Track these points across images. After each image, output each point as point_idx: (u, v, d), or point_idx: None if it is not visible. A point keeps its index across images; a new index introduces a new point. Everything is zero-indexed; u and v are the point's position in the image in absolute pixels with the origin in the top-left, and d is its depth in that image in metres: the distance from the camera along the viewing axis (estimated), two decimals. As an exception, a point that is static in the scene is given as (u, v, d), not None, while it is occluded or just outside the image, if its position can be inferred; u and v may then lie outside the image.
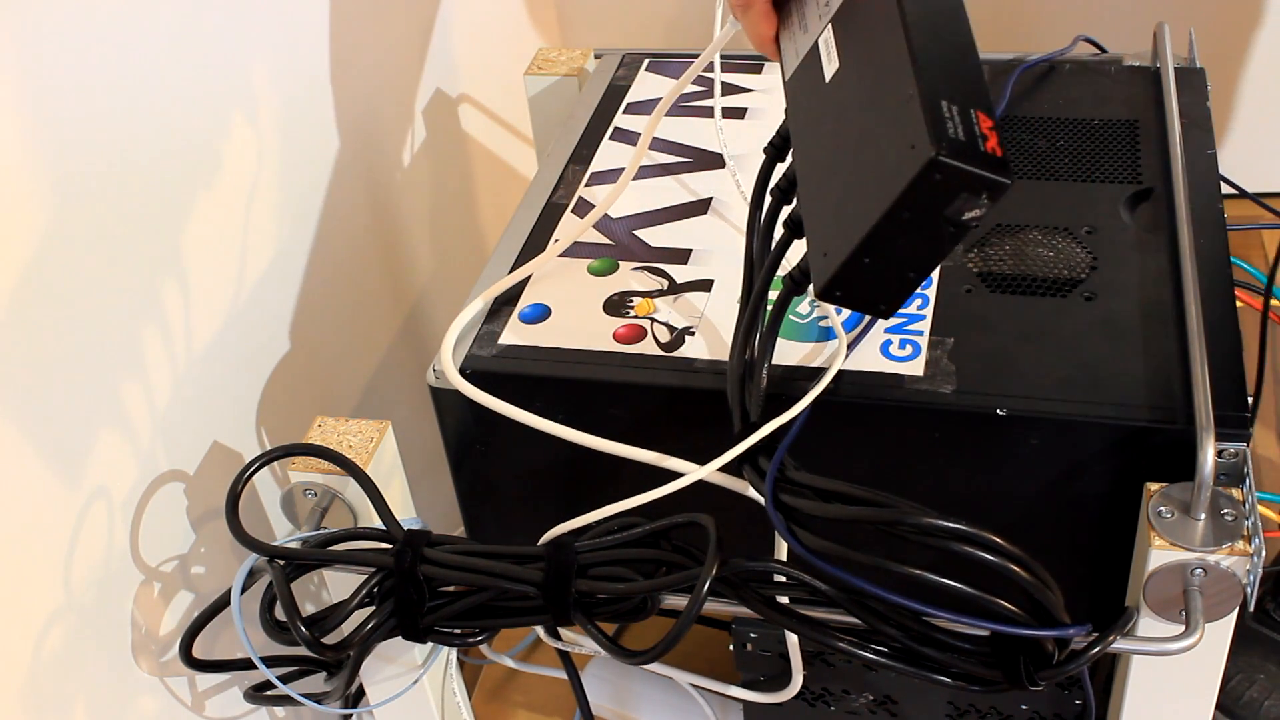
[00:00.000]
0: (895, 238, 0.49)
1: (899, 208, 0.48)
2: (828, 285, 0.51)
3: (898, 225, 0.49)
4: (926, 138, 0.47)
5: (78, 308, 0.64)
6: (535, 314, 0.70)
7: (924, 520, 0.51)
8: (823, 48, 0.56)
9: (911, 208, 0.48)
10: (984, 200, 0.48)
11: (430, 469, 0.84)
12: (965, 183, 0.47)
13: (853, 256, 0.50)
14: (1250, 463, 0.59)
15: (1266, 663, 0.84)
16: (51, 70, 0.61)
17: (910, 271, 0.51)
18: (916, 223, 0.49)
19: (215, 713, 0.78)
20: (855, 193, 0.51)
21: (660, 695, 0.90)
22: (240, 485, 0.65)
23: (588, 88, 0.90)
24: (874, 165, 0.50)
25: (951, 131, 0.48)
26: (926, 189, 0.48)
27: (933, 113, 0.48)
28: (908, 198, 0.48)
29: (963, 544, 0.51)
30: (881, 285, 0.52)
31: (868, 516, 0.53)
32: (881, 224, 0.49)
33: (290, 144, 0.83)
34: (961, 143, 0.47)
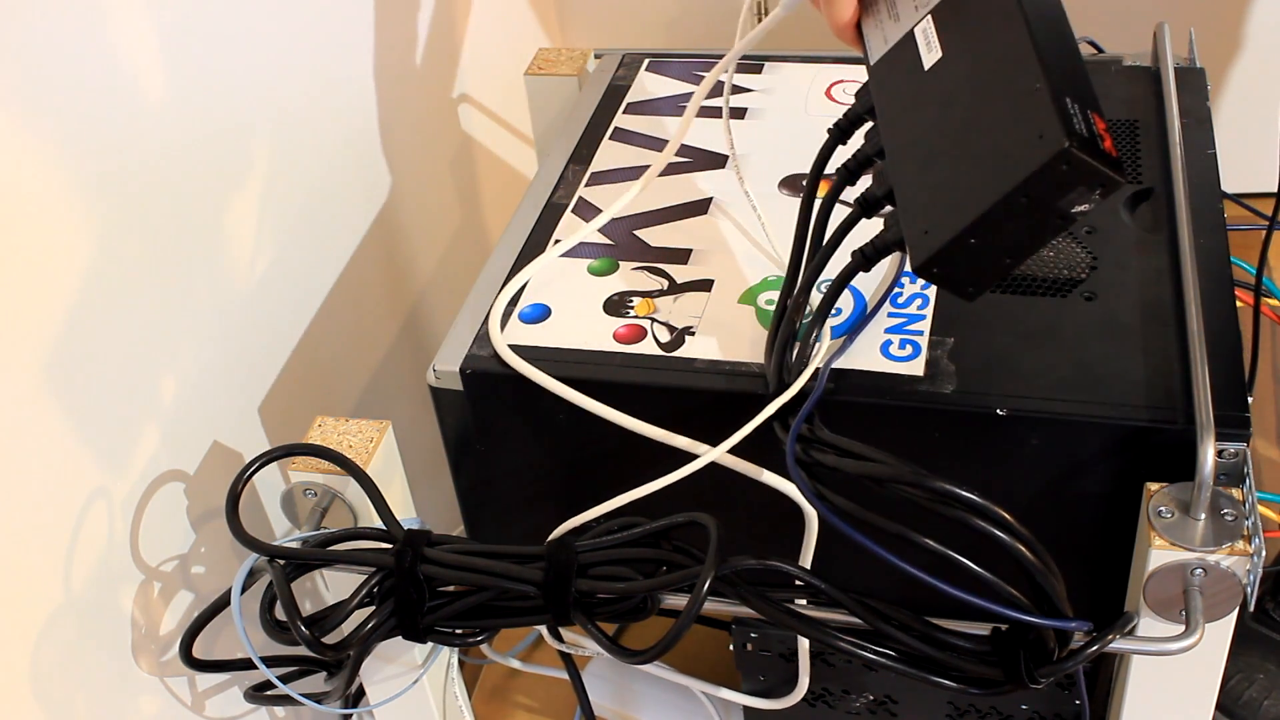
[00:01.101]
0: (1006, 221, 0.51)
1: (1019, 193, 0.50)
2: (928, 261, 0.53)
3: (1013, 209, 0.51)
4: (1059, 129, 0.49)
5: (77, 308, 0.64)
6: (535, 314, 0.70)
7: (939, 484, 0.52)
8: (920, 37, 0.58)
9: (1030, 194, 0.50)
10: (1096, 196, 0.50)
11: (430, 469, 0.84)
12: (1087, 176, 0.49)
13: (961, 235, 0.52)
14: (1250, 463, 0.59)
15: (1266, 663, 0.84)
16: (52, 76, 0.61)
17: (1008, 257, 0.53)
18: (1030, 209, 0.51)
19: (215, 713, 0.78)
20: (966, 176, 0.52)
21: (661, 695, 0.90)
22: (240, 485, 0.65)
23: (588, 88, 0.90)
24: (991, 151, 0.52)
25: (1078, 126, 0.49)
26: (1050, 178, 0.49)
27: (1061, 107, 0.50)
28: (1030, 184, 0.50)
29: (974, 515, 0.52)
30: (978, 267, 0.53)
31: (886, 474, 0.54)
32: (998, 206, 0.51)
33: (290, 144, 0.83)
34: (1087, 138, 0.49)
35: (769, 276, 0.70)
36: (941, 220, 0.53)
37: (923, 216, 0.54)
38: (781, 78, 0.88)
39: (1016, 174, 0.50)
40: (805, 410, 0.58)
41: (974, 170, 0.52)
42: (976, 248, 0.52)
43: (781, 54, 0.91)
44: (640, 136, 0.83)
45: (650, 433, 0.63)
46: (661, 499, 0.62)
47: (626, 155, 0.82)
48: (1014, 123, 0.52)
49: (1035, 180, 0.50)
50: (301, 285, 0.86)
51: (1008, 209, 0.51)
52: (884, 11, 0.62)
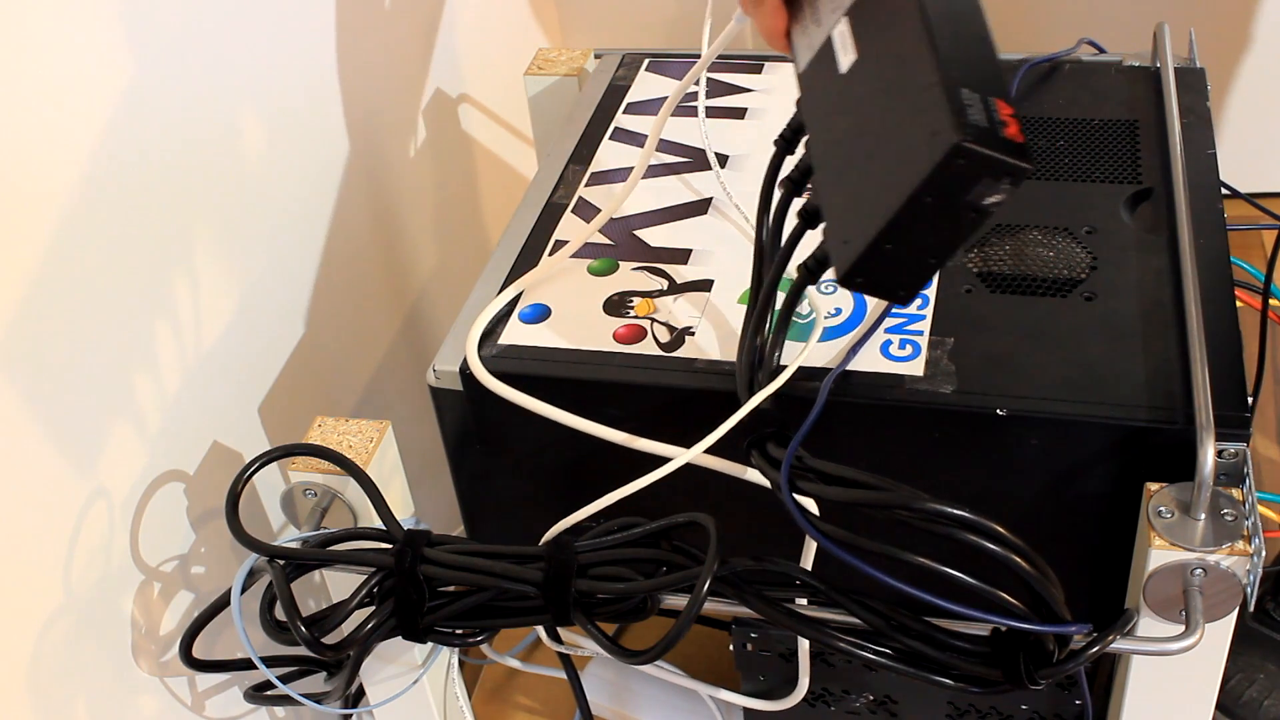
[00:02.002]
0: (917, 223, 0.50)
1: (922, 193, 0.49)
2: (849, 271, 0.52)
3: (920, 211, 0.49)
4: (949, 124, 0.47)
5: (79, 308, 0.64)
6: (535, 314, 0.70)
7: (930, 505, 0.52)
8: (837, 40, 0.57)
9: (934, 193, 0.49)
10: (1005, 186, 0.49)
11: (430, 469, 0.84)
12: (987, 168, 0.48)
13: (875, 242, 0.50)
14: (1250, 463, 0.59)
15: (1266, 663, 0.84)
16: (57, 71, 0.62)
17: (931, 257, 0.52)
18: (938, 208, 0.49)
19: (215, 713, 0.78)
20: (877, 180, 0.51)
21: (660, 695, 0.90)
22: (240, 485, 0.65)
23: (588, 88, 0.90)
24: (895, 153, 0.51)
25: (974, 118, 0.48)
26: (949, 175, 0.48)
27: (954, 99, 0.48)
28: (931, 183, 0.48)
29: (967, 531, 0.52)
30: (902, 271, 0.52)
31: (874, 500, 0.53)
32: (904, 210, 0.49)
33: (291, 144, 0.83)
34: (984, 128, 0.48)
35: (769, 276, 0.70)
36: (857, 229, 0.52)
37: (842, 226, 0.53)
38: (781, 78, 0.88)
39: (916, 175, 0.49)
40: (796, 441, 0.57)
41: (882, 174, 0.51)
42: (895, 253, 0.51)
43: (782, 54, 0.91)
44: (640, 136, 0.83)
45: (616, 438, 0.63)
46: (661, 499, 0.62)
47: (626, 155, 0.82)
48: (913, 121, 0.50)
49: (934, 179, 0.48)
50: (301, 285, 0.86)
51: (914, 211, 0.49)
52: (808, 17, 0.61)
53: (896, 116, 0.51)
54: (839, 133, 0.55)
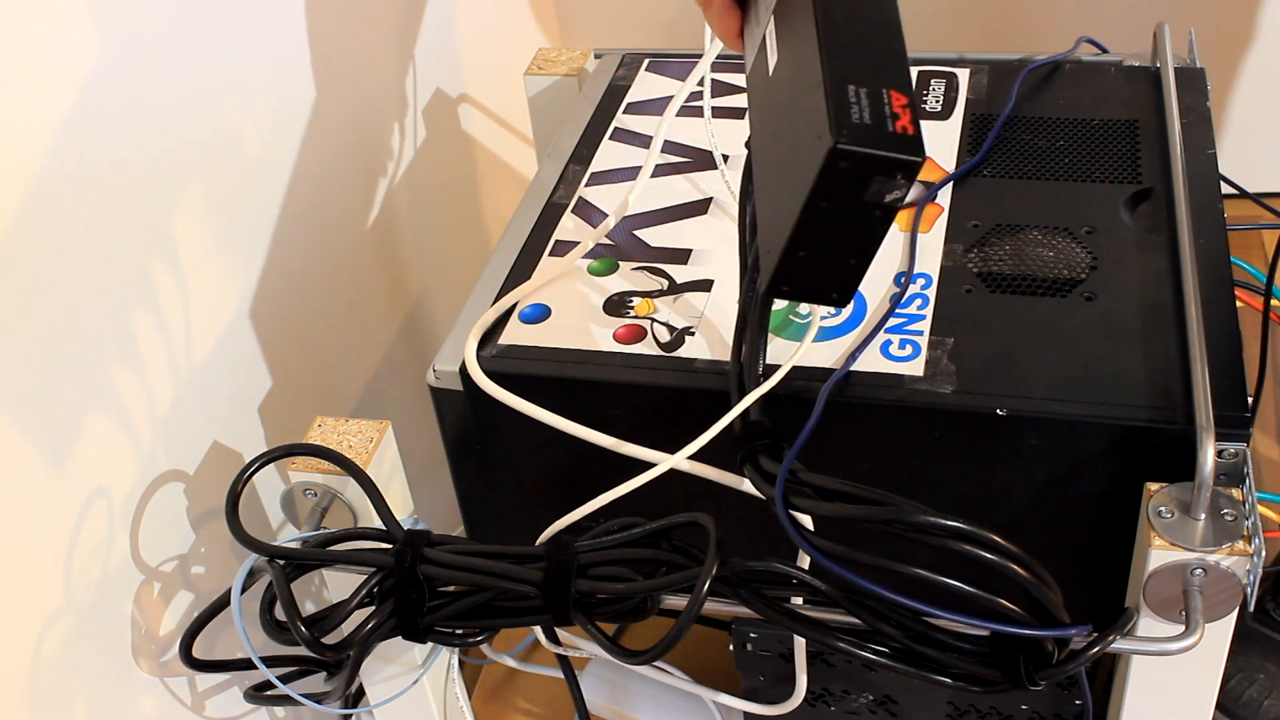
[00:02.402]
0: (822, 229, 0.49)
1: (815, 199, 0.48)
2: (771, 283, 0.51)
3: (820, 217, 0.48)
4: (828, 126, 0.46)
5: (78, 307, 0.64)
6: (535, 314, 0.70)
7: (923, 519, 0.52)
8: (768, 40, 0.56)
9: (828, 198, 0.48)
10: (900, 181, 0.47)
11: (430, 469, 0.84)
12: (874, 167, 0.47)
13: (786, 252, 0.50)
14: (1250, 463, 0.59)
15: (1266, 663, 0.84)
16: (51, 65, 0.62)
17: (852, 259, 0.51)
18: (838, 211, 0.48)
19: (215, 713, 0.78)
20: (786, 188, 0.50)
21: (659, 695, 0.90)
22: (240, 485, 0.65)
23: (588, 88, 0.90)
24: (797, 159, 0.49)
25: (855, 116, 0.47)
26: (836, 178, 0.47)
27: (836, 99, 0.47)
28: (820, 189, 0.47)
29: (962, 542, 0.51)
30: (825, 275, 0.51)
31: (868, 515, 0.53)
32: (804, 218, 0.48)
33: (290, 143, 0.83)
34: (866, 126, 0.47)
35: (769, 276, 0.70)
36: (775, 238, 0.51)
37: (765, 235, 0.52)
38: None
39: (807, 182, 0.48)
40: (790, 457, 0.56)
41: (789, 181, 0.50)
42: (810, 259, 0.50)
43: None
44: (640, 136, 0.83)
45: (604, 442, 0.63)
46: (662, 499, 0.62)
47: (626, 155, 0.82)
48: (806, 125, 0.49)
49: (822, 185, 0.47)
50: (301, 285, 0.86)
51: (815, 218, 0.48)
52: (753, 18, 0.59)
53: (799, 121, 0.50)
54: (767, 137, 0.54)
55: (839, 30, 0.50)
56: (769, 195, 0.53)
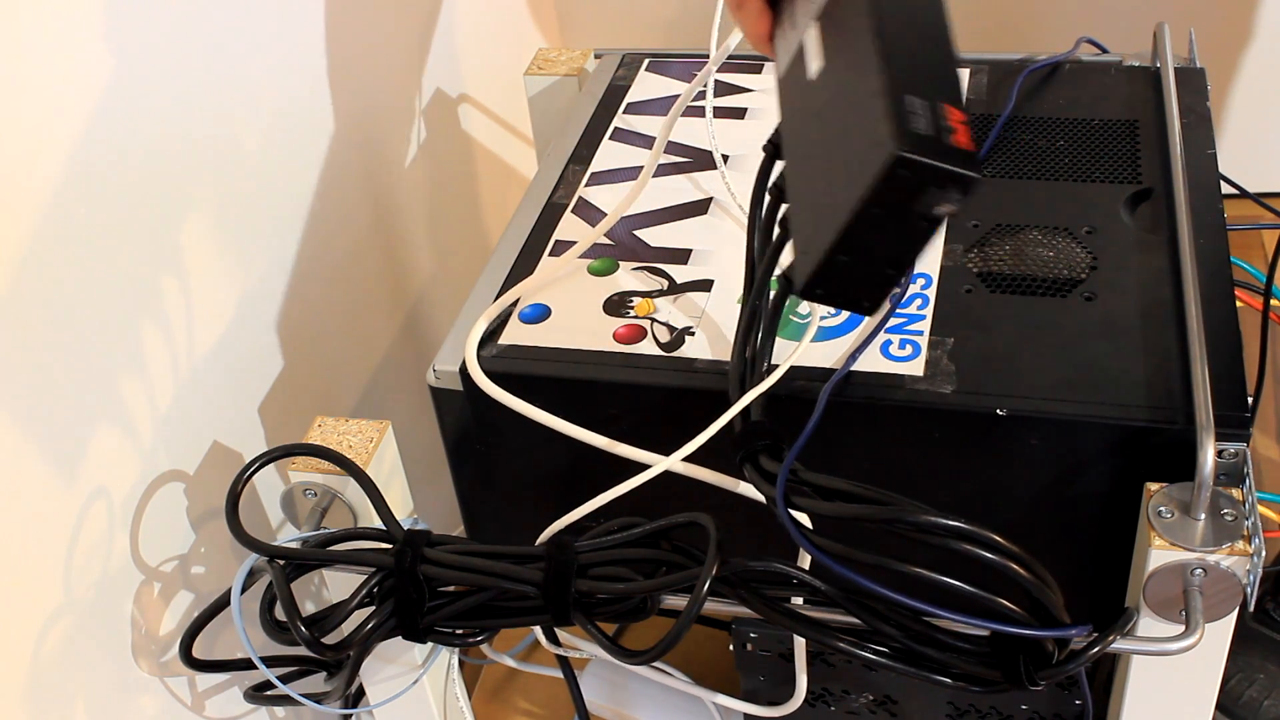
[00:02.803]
0: (869, 235, 0.49)
1: (868, 205, 0.48)
2: (808, 284, 0.51)
3: (869, 222, 0.49)
4: (890, 133, 0.46)
5: (78, 307, 0.64)
6: (535, 314, 0.70)
7: (924, 518, 0.52)
8: (809, 45, 0.56)
9: (881, 204, 0.48)
10: (954, 194, 0.47)
11: (430, 469, 0.84)
12: (932, 178, 0.47)
13: (829, 254, 0.50)
14: (1250, 463, 0.59)
15: (1266, 663, 0.84)
16: (53, 68, 0.62)
17: (889, 268, 0.51)
18: (888, 219, 0.48)
19: (215, 713, 0.78)
20: (832, 191, 0.51)
21: (659, 695, 0.90)
22: (240, 485, 0.65)
23: (588, 88, 0.90)
24: (847, 163, 0.50)
25: (916, 126, 0.47)
26: (893, 186, 0.47)
27: (897, 108, 0.47)
28: (876, 195, 0.47)
29: (963, 542, 0.51)
30: (861, 282, 0.51)
31: (869, 515, 0.53)
32: (853, 222, 0.48)
33: (291, 144, 0.83)
34: (927, 137, 0.47)
35: (769, 276, 0.70)
36: (815, 240, 0.51)
37: (803, 237, 0.53)
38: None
39: (861, 187, 0.48)
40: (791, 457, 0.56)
41: (836, 185, 0.50)
42: (850, 264, 0.50)
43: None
44: (640, 136, 0.83)
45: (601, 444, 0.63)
46: (662, 499, 0.62)
47: (626, 155, 0.82)
48: (862, 131, 0.49)
49: (878, 191, 0.47)
50: (301, 285, 0.86)
51: (864, 223, 0.49)
52: (788, 22, 0.60)
53: (850, 126, 0.51)
54: (805, 141, 0.55)
55: (897, 42, 0.51)
56: (807, 198, 0.53)
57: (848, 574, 0.53)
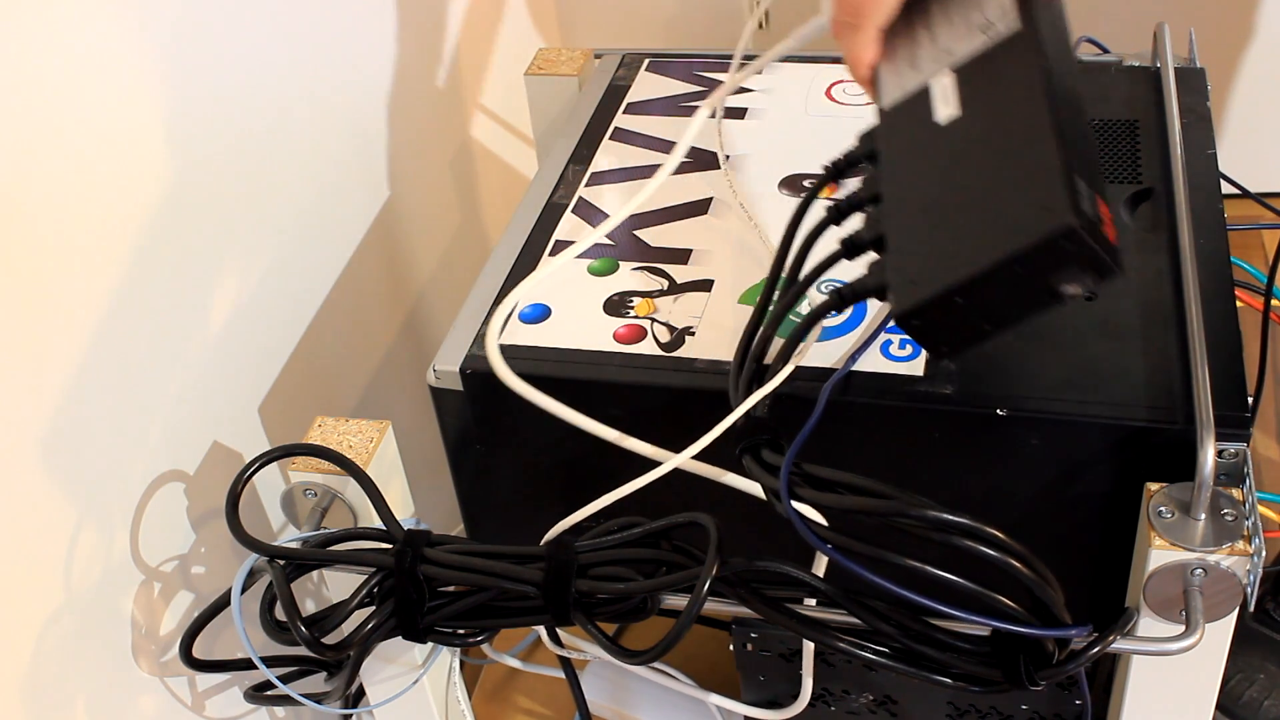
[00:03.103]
0: (995, 288, 0.51)
1: (1016, 261, 0.49)
2: (910, 312, 0.52)
3: (1005, 277, 0.50)
4: (1067, 205, 0.48)
5: (78, 307, 0.64)
6: (535, 314, 0.70)
7: (926, 513, 0.52)
8: (937, 90, 0.58)
9: (1027, 265, 0.49)
10: (1089, 280, 0.50)
11: (430, 469, 0.84)
12: (1086, 258, 0.49)
13: (948, 292, 0.51)
14: (1250, 463, 0.59)
15: (1266, 663, 0.84)
16: (53, 67, 0.62)
17: (987, 323, 0.52)
18: (1022, 280, 0.50)
19: (215, 713, 0.78)
20: (965, 235, 0.52)
21: (660, 695, 0.90)
22: (240, 485, 0.65)
23: (588, 88, 0.90)
24: (995, 216, 0.51)
25: (1084, 207, 0.49)
26: (1049, 252, 0.49)
27: (1072, 185, 0.49)
28: (1029, 255, 0.49)
29: (964, 538, 0.51)
30: (956, 328, 0.53)
31: (871, 508, 0.53)
32: (991, 270, 0.50)
33: (291, 143, 0.83)
34: (1093, 221, 0.49)
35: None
36: (931, 274, 0.52)
37: (912, 267, 0.53)
38: (781, 78, 0.88)
39: (1017, 242, 0.49)
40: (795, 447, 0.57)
41: (974, 231, 0.52)
42: (960, 308, 0.52)
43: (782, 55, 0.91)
44: (640, 136, 0.83)
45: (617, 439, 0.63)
46: (663, 498, 0.62)
47: (626, 155, 0.82)
48: (1023, 193, 0.51)
49: (1035, 252, 0.49)
50: (301, 285, 0.86)
51: (1001, 275, 0.50)
52: (903, 59, 0.61)
53: (1006, 183, 0.52)
54: (925, 178, 0.56)
55: (1065, 124, 0.52)
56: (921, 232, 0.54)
57: (849, 564, 0.53)
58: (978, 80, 0.57)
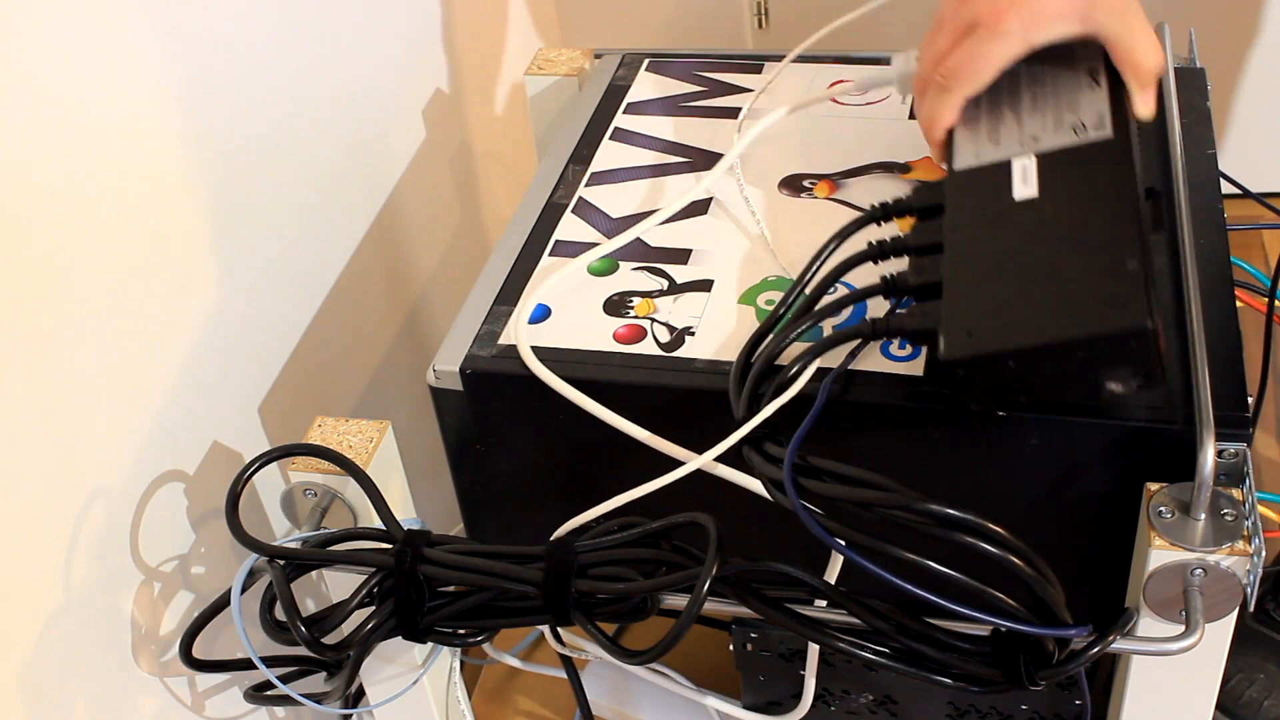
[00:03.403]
0: (1051, 363, 0.53)
1: (1082, 344, 0.52)
2: (958, 361, 0.54)
3: (1064, 355, 0.53)
4: (1144, 308, 0.52)
5: (78, 307, 0.64)
6: (535, 314, 0.70)
7: (930, 507, 0.52)
8: (1017, 170, 0.61)
9: (1090, 350, 0.52)
10: (1133, 383, 0.53)
11: (430, 469, 0.84)
12: (1144, 361, 0.52)
13: (1004, 354, 0.53)
14: (1250, 463, 0.59)
15: (1266, 663, 0.84)
16: (53, 67, 0.62)
17: (1024, 395, 0.55)
18: (1078, 363, 0.53)
19: (215, 713, 0.78)
20: (1031, 306, 0.54)
21: (661, 695, 0.90)
22: (240, 485, 0.65)
23: (588, 88, 0.90)
24: (1067, 299, 0.54)
25: (1155, 316, 0.52)
26: (1112, 345, 0.52)
27: (1149, 294, 0.52)
28: (1096, 342, 0.52)
29: (967, 534, 0.52)
30: (996, 389, 0.55)
31: (876, 500, 0.53)
32: (1054, 345, 0.53)
33: (291, 143, 0.83)
34: (1157, 331, 0.52)
35: (769, 277, 0.70)
36: (991, 331, 0.54)
37: (970, 319, 0.55)
38: (781, 78, 0.88)
39: (1087, 327, 0.52)
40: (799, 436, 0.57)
41: (1042, 306, 0.54)
42: (1009, 372, 0.54)
43: (781, 54, 0.91)
44: (640, 136, 0.83)
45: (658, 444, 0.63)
46: (662, 499, 0.62)
47: (626, 155, 0.82)
48: (1100, 286, 0.54)
49: (1102, 341, 0.52)
50: (301, 285, 0.86)
51: (1061, 352, 0.53)
52: (984, 130, 0.64)
53: (1079, 271, 0.55)
54: (992, 244, 0.58)
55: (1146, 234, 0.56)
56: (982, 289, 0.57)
57: (852, 555, 0.53)
58: (1062, 172, 0.60)
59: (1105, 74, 0.64)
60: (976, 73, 0.64)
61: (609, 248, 0.73)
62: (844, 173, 0.78)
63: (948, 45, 0.64)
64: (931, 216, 0.64)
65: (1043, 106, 0.64)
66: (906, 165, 0.77)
